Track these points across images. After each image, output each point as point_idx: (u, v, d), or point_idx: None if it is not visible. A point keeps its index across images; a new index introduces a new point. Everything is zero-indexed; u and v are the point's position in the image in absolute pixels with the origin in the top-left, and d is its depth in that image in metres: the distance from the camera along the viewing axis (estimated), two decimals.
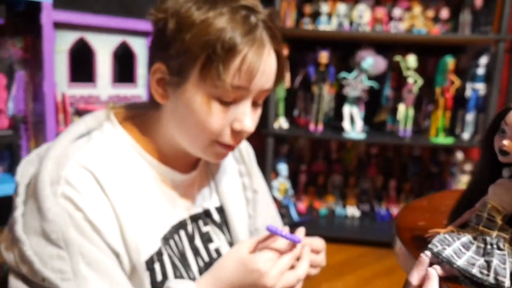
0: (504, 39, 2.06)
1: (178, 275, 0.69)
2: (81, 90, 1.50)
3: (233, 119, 0.65)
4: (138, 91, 1.67)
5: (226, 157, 0.72)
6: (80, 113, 1.50)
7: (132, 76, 1.65)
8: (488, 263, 0.45)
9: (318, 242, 0.80)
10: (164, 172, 0.72)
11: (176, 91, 0.65)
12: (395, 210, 2.55)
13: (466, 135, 2.27)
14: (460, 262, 0.46)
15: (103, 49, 1.54)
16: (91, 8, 1.58)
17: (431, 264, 0.48)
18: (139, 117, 0.74)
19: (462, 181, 2.17)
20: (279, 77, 0.69)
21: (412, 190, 2.63)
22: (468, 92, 2.23)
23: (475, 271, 0.45)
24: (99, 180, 0.62)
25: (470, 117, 2.26)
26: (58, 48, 1.40)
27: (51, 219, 0.57)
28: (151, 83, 0.66)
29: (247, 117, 0.65)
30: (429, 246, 0.48)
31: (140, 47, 1.64)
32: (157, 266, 0.67)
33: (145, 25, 1.61)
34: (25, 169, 0.67)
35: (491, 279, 0.44)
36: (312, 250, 0.76)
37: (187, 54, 0.61)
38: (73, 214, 0.59)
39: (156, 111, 0.70)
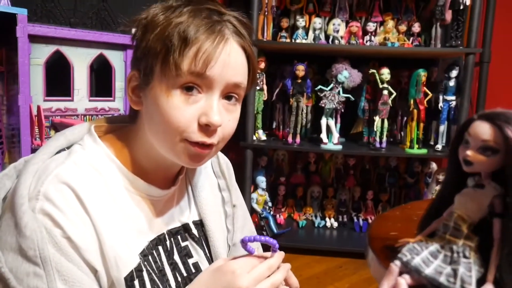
0: (473, 52, 2.14)
1: None
2: (57, 103, 1.48)
3: (200, 113, 0.64)
4: (115, 104, 1.66)
5: (202, 161, 0.70)
6: (56, 126, 1.48)
7: (110, 89, 1.65)
8: (455, 271, 0.46)
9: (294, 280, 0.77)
10: (143, 187, 0.71)
11: (145, 92, 0.66)
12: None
13: (439, 146, 2.33)
14: (428, 270, 0.47)
15: (80, 62, 1.54)
16: (68, 21, 1.58)
17: (400, 273, 0.49)
18: (120, 130, 0.74)
19: (437, 190, 2.21)
20: (250, 74, 0.69)
21: (389, 201, 2.67)
22: (441, 104, 2.29)
23: (442, 279, 0.46)
24: (80, 196, 0.61)
25: (442, 128, 2.32)
26: (33, 61, 1.39)
27: (28, 235, 0.56)
28: (128, 92, 0.67)
29: (213, 111, 0.64)
30: (399, 255, 0.49)
31: (117, 60, 1.64)
32: (136, 283, 0.66)
33: (122, 39, 1.61)
34: (1, 183, 0.65)
35: (457, 287, 0.46)
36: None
37: (150, 52, 0.63)
38: (52, 230, 0.58)
39: (135, 124, 0.70)
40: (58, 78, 1.50)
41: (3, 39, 1.31)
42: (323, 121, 2.29)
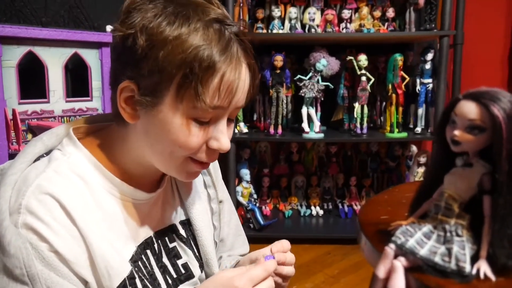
0: (447, 34, 2.17)
1: None
2: (33, 106, 1.44)
3: (210, 137, 0.63)
4: (93, 104, 1.63)
5: (197, 176, 0.70)
6: (32, 129, 1.44)
7: (86, 88, 1.61)
8: (449, 250, 0.47)
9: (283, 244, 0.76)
10: (129, 192, 0.68)
11: (149, 111, 0.61)
12: (357, 206, 2.62)
13: (418, 129, 2.36)
14: (423, 251, 0.48)
15: (54, 62, 1.50)
16: (39, 21, 1.53)
17: (395, 256, 0.49)
18: (101, 132, 0.71)
19: (419, 172, 2.25)
20: (251, 92, 0.66)
21: (372, 186, 2.71)
22: (418, 87, 2.32)
23: (437, 259, 0.47)
24: (65, 206, 0.58)
25: (421, 111, 2.35)
26: (5, 63, 1.35)
27: (13, 253, 0.53)
28: (119, 102, 0.62)
29: (224, 136, 0.64)
30: (393, 238, 0.50)
31: (92, 59, 1.60)
32: None
33: (97, 36, 1.58)
34: None
35: (452, 265, 0.46)
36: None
37: (162, 73, 0.57)
38: (37, 245, 0.55)
39: (120, 127, 0.66)
40: (32, 80, 1.46)
41: None
42: (304, 110, 2.29)
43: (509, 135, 0.45)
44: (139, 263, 0.68)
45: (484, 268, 0.46)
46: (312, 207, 2.61)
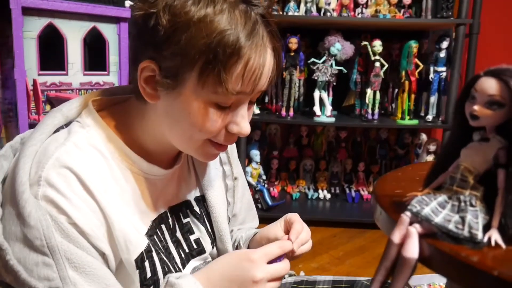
0: (464, 23, 2.16)
1: (166, 270, 0.68)
2: (51, 78, 1.47)
3: (230, 122, 0.63)
4: (110, 78, 1.65)
5: (216, 157, 0.71)
6: (51, 101, 1.47)
7: (104, 63, 1.64)
8: (463, 219, 0.49)
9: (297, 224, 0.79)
10: (146, 167, 0.68)
11: (169, 93, 0.61)
12: (364, 192, 2.64)
13: (430, 117, 2.37)
14: (438, 219, 0.50)
15: (73, 35, 1.52)
16: None
17: (411, 223, 0.51)
18: (120, 105, 0.71)
19: (428, 160, 2.26)
20: (275, 75, 0.65)
21: (380, 172, 2.72)
22: (431, 75, 2.32)
23: (451, 226, 0.49)
24: (83, 181, 0.58)
25: (433, 99, 2.35)
26: (26, 34, 1.37)
27: (33, 225, 0.54)
28: (139, 80, 0.61)
29: (245, 120, 0.64)
30: (408, 207, 0.52)
31: (111, 34, 1.62)
32: (146, 264, 0.65)
33: (115, 11, 1.59)
34: None
35: (465, 232, 0.48)
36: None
37: (184, 57, 0.57)
38: (57, 217, 0.56)
39: (140, 103, 0.66)
40: (51, 52, 1.48)
41: None
42: (316, 94, 2.31)
43: None
44: (155, 237, 0.69)
45: (495, 236, 0.48)
46: (320, 191, 2.64)
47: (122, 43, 1.61)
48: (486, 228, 0.49)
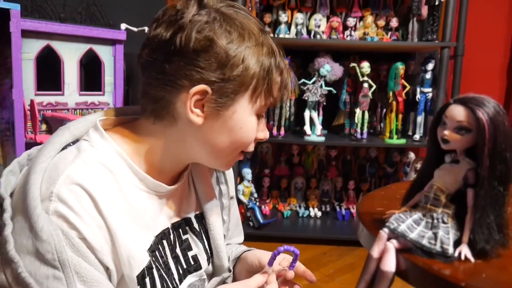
0: (448, 46, 2.24)
1: (165, 286, 0.71)
2: (48, 98, 1.51)
3: (258, 130, 0.72)
4: (105, 98, 1.69)
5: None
6: (47, 120, 1.51)
7: (99, 83, 1.68)
8: (435, 235, 0.53)
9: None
10: (152, 185, 0.71)
11: (219, 111, 0.67)
12: (354, 210, 2.68)
13: (417, 136, 2.43)
14: (413, 235, 0.54)
15: (70, 56, 1.56)
16: (58, 16, 1.60)
17: (388, 239, 0.56)
18: (127, 125, 0.73)
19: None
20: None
21: (370, 190, 2.77)
22: (418, 96, 2.39)
23: (424, 242, 0.53)
24: (94, 197, 0.61)
25: (420, 119, 2.42)
26: (24, 56, 1.41)
27: (45, 239, 0.55)
28: (189, 104, 0.65)
29: (265, 127, 0.74)
30: (387, 224, 0.56)
31: (106, 55, 1.67)
32: (147, 280, 0.67)
33: (111, 34, 1.64)
34: (7, 179, 0.64)
35: (437, 247, 0.53)
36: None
37: (240, 83, 0.66)
38: (68, 232, 0.58)
39: (155, 124, 0.70)
40: (48, 73, 1.52)
41: None
42: (306, 113, 2.36)
43: (491, 136, 0.52)
44: (156, 252, 0.71)
45: (465, 251, 0.53)
46: (311, 209, 2.67)
47: (117, 64, 1.65)
48: (457, 243, 0.54)
